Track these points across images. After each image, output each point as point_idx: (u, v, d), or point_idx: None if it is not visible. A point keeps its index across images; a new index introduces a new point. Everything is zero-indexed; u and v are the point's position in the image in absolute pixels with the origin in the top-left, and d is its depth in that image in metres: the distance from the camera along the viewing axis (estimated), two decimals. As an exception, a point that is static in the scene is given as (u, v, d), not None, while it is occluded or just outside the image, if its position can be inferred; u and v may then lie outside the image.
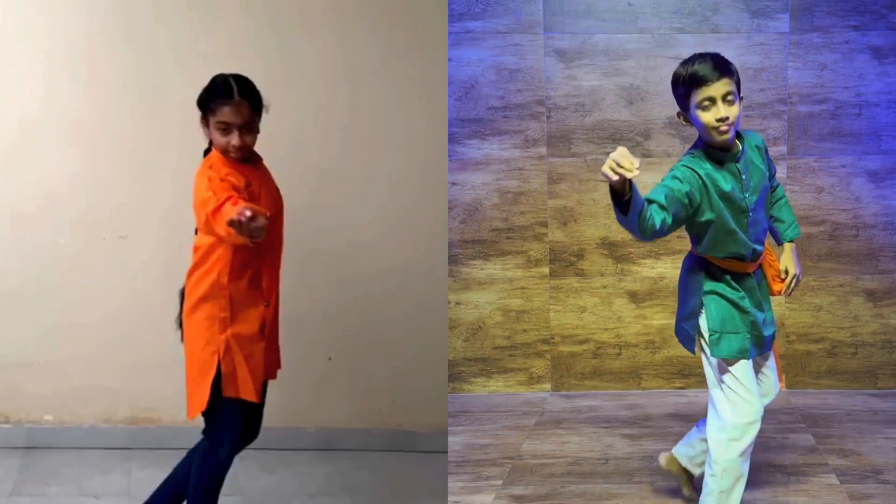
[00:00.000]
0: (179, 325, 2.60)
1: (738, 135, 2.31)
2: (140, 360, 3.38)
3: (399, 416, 3.52)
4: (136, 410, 3.44)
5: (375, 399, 3.52)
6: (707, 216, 2.23)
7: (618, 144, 3.82)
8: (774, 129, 3.79)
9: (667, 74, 3.80)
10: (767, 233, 2.43)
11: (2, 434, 3.41)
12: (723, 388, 2.31)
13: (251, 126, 2.43)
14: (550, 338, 3.98)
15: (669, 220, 2.12)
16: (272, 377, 2.62)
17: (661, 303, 3.92)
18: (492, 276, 3.95)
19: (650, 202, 2.10)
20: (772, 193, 2.50)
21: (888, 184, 3.81)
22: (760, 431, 3.33)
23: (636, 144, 3.85)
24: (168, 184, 3.27)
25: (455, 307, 3.96)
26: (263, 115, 2.48)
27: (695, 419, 3.45)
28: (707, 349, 2.34)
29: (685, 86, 2.19)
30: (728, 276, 2.32)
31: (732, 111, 2.16)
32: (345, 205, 3.37)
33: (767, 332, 2.39)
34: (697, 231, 2.31)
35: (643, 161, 3.83)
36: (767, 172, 2.39)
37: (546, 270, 3.94)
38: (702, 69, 2.15)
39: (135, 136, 3.29)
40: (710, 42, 3.77)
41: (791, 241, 2.50)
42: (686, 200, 2.16)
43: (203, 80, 3.32)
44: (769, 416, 3.49)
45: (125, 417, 3.44)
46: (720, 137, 2.19)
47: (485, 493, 2.93)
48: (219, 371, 2.43)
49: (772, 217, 2.52)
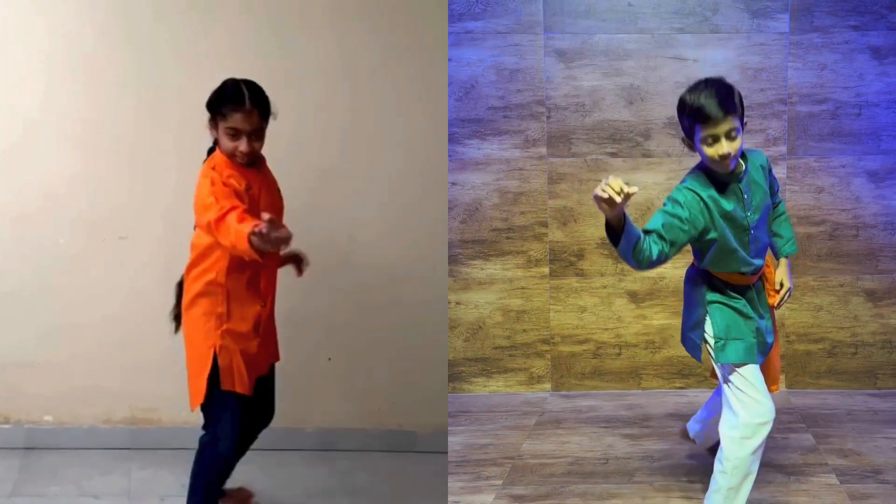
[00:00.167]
0: (174, 319, 2.64)
1: (743, 154, 2.35)
2: (140, 361, 3.38)
3: (399, 417, 3.52)
4: (136, 411, 3.44)
5: (375, 399, 3.51)
6: (710, 235, 2.29)
7: (618, 144, 3.85)
8: (774, 129, 3.79)
9: (667, 74, 3.85)
10: (768, 248, 2.49)
11: (1, 434, 3.40)
12: (734, 391, 2.36)
13: (259, 132, 2.46)
14: (550, 338, 3.98)
15: (668, 249, 2.17)
16: (262, 373, 2.65)
17: (661, 303, 3.92)
18: (492, 276, 3.95)
19: (648, 233, 2.15)
20: (773, 209, 2.56)
21: (888, 184, 3.81)
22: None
23: (636, 144, 3.85)
24: (168, 184, 3.27)
25: (455, 307, 3.96)
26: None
27: (695, 419, 3.44)
28: (713, 355, 2.41)
29: (690, 119, 2.21)
30: (729, 288, 2.40)
31: (734, 146, 2.20)
32: (345, 205, 3.37)
33: (769, 340, 2.46)
34: (700, 247, 2.37)
35: (643, 161, 3.87)
36: (769, 191, 2.43)
37: (546, 270, 3.94)
38: (707, 106, 2.15)
39: (135, 136, 3.28)
40: (710, 42, 3.77)
41: (787, 257, 2.58)
42: (686, 227, 2.21)
43: (203, 80, 3.31)
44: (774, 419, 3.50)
45: (125, 418, 3.44)
46: (722, 169, 2.25)
47: (485, 493, 2.93)
48: (216, 365, 2.47)
49: (772, 232, 2.57)
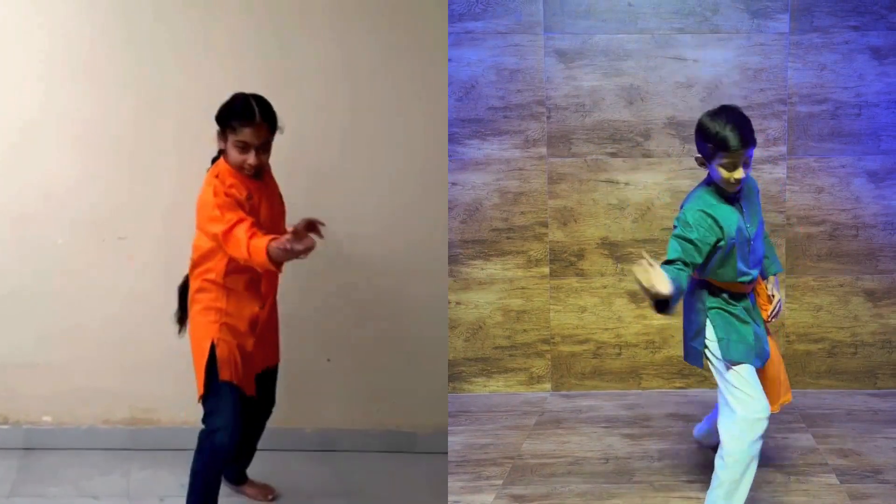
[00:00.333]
0: (178, 321, 2.72)
1: None
2: (139, 361, 3.37)
3: (398, 417, 3.52)
4: (135, 411, 3.43)
5: (375, 399, 3.51)
6: (719, 245, 2.43)
7: (618, 144, 3.85)
8: (774, 130, 3.79)
9: (667, 74, 3.85)
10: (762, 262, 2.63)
11: (1, 435, 3.40)
12: (731, 389, 2.46)
13: (267, 146, 2.56)
14: (550, 338, 3.97)
15: (690, 271, 2.36)
16: (257, 371, 2.72)
17: (661, 303, 3.91)
18: (492, 276, 3.95)
19: (671, 262, 2.32)
20: None
21: (888, 184, 3.81)
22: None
23: (636, 144, 3.85)
24: (168, 184, 3.27)
25: (455, 307, 3.96)
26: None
27: (695, 419, 3.45)
28: (717, 353, 2.50)
29: (712, 143, 2.36)
30: (726, 295, 2.51)
31: (746, 171, 2.39)
32: (345, 205, 3.36)
33: (766, 347, 2.56)
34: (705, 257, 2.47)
35: (643, 161, 3.87)
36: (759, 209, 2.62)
37: (546, 270, 3.93)
38: (733, 139, 2.32)
39: (135, 136, 3.28)
40: (710, 42, 3.77)
41: (775, 276, 2.71)
42: (699, 246, 2.37)
43: (203, 80, 3.31)
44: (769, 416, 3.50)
45: (124, 418, 3.44)
46: (731, 189, 2.43)
47: (485, 493, 2.93)
48: (215, 357, 2.54)
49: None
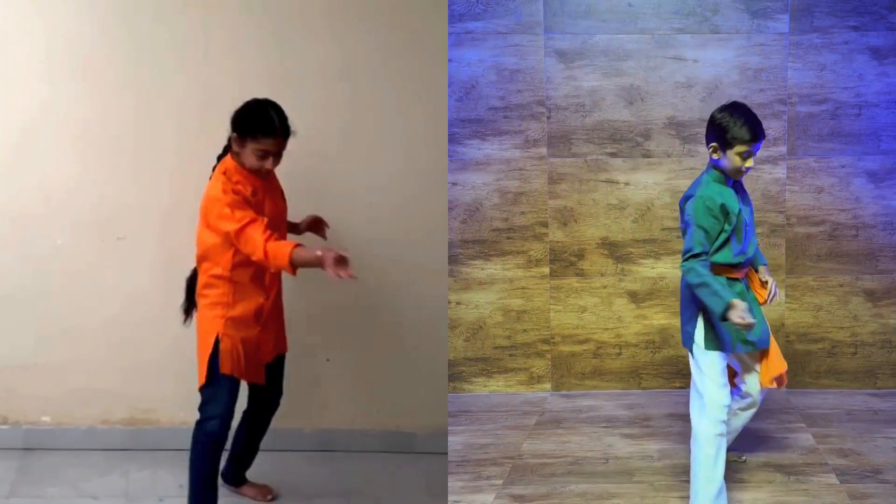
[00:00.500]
0: (184, 311, 2.81)
1: None
2: (138, 362, 3.37)
3: (398, 417, 3.51)
4: (135, 412, 3.43)
5: (374, 400, 3.51)
6: (725, 227, 2.57)
7: (618, 144, 3.85)
8: (774, 130, 3.79)
9: (667, 75, 3.84)
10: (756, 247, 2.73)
11: (0, 435, 3.40)
12: (701, 376, 2.62)
13: (281, 151, 2.67)
14: (551, 338, 3.97)
15: (709, 259, 2.55)
16: (267, 360, 2.80)
17: (662, 303, 3.91)
18: (492, 276, 3.95)
19: (698, 256, 2.50)
20: None
21: (888, 184, 3.81)
22: (760, 430, 3.37)
23: (636, 144, 3.85)
24: (168, 184, 3.27)
25: (455, 307, 3.96)
26: None
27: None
28: (700, 340, 2.60)
29: (730, 133, 2.52)
30: (723, 280, 2.58)
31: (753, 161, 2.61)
32: (345, 205, 3.36)
33: (765, 327, 2.67)
34: None
35: (643, 161, 3.87)
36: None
37: (546, 270, 3.93)
38: (752, 131, 2.51)
39: (135, 136, 3.28)
40: (710, 42, 3.77)
41: (764, 265, 2.81)
42: (713, 234, 2.54)
43: (203, 80, 3.30)
44: (769, 416, 3.50)
45: (123, 418, 3.44)
46: (736, 177, 2.61)
47: (485, 493, 2.93)
48: (218, 349, 2.63)
49: None
